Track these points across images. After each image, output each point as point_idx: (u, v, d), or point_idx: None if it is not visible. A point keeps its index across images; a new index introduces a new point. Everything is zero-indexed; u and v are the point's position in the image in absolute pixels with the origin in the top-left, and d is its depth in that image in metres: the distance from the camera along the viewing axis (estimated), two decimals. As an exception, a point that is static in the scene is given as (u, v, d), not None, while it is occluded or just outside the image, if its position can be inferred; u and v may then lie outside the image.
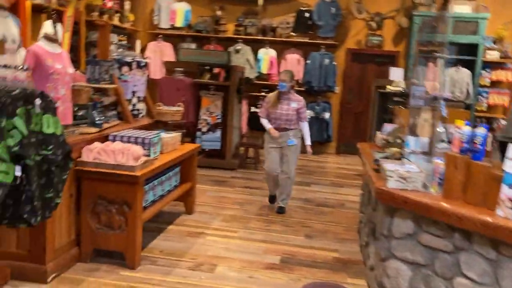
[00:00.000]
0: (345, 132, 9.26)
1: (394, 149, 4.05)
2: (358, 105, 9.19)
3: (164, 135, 4.16)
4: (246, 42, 8.92)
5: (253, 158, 7.49)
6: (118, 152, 3.39)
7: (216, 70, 7.21)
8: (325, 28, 8.73)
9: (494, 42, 8.38)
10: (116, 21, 7.94)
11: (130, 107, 4.55)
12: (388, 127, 4.31)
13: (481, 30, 8.07)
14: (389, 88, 6.62)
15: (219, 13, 9.00)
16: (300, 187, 6.17)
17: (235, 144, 7.41)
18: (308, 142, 5.03)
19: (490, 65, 8.37)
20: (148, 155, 3.67)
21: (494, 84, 8.47)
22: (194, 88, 7.02)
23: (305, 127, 4.99)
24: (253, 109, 9.03)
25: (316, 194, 5.96)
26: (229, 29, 9.11)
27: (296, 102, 4.90)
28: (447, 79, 8.31)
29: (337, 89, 8.93)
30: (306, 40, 8.80)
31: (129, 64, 4.40)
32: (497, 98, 8.43)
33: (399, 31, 8.77)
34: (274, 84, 9.07)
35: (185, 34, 9.09)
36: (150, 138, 3.70)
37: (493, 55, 8.30)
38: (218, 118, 7.08)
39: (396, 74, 7.28)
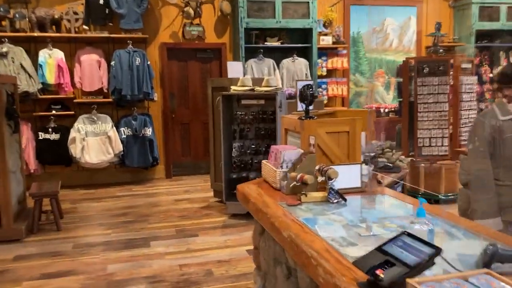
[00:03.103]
0: (174, 150, 7.29)
1: (316, 195, 2.30)
2: (185, 114, 7.32)
3: None
4: (16, 41, 6.18)
5: (51, 213, 4.90)
6: None
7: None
8: (129, 17, 6.57)
9: (325, 26, 7.48)
10: None
11: None
12: (287, 152, 2.52)
13: (313, 13, 7.02)
14: (235, 89, 4.90)
15: (-36, 1, 6.03)
16: (134, 252, 4.02)
17: (17, 197, 4.78)
18: None
19: (325, 52, 7.45)
20: None
21: (331, 73, 7.60)
22: None
23: None
24: (42, 135, 6.38)
25: (163, 261, 3.87)
26: (-15, 25, 6.21)
27: None
28: (284, 72, 7.08)
29: (156, 96, 6.88)
30: (106, 34, 6.50)
31: None
32: (336, 89, 7.57)
33: (222, 18, 7.17)
34: (68, 98, 6.56)
35: None
36: None
37: (326, 41, 7.38)
38: (-20, 163, 4.36)
39: (235, 69, 5.64)
